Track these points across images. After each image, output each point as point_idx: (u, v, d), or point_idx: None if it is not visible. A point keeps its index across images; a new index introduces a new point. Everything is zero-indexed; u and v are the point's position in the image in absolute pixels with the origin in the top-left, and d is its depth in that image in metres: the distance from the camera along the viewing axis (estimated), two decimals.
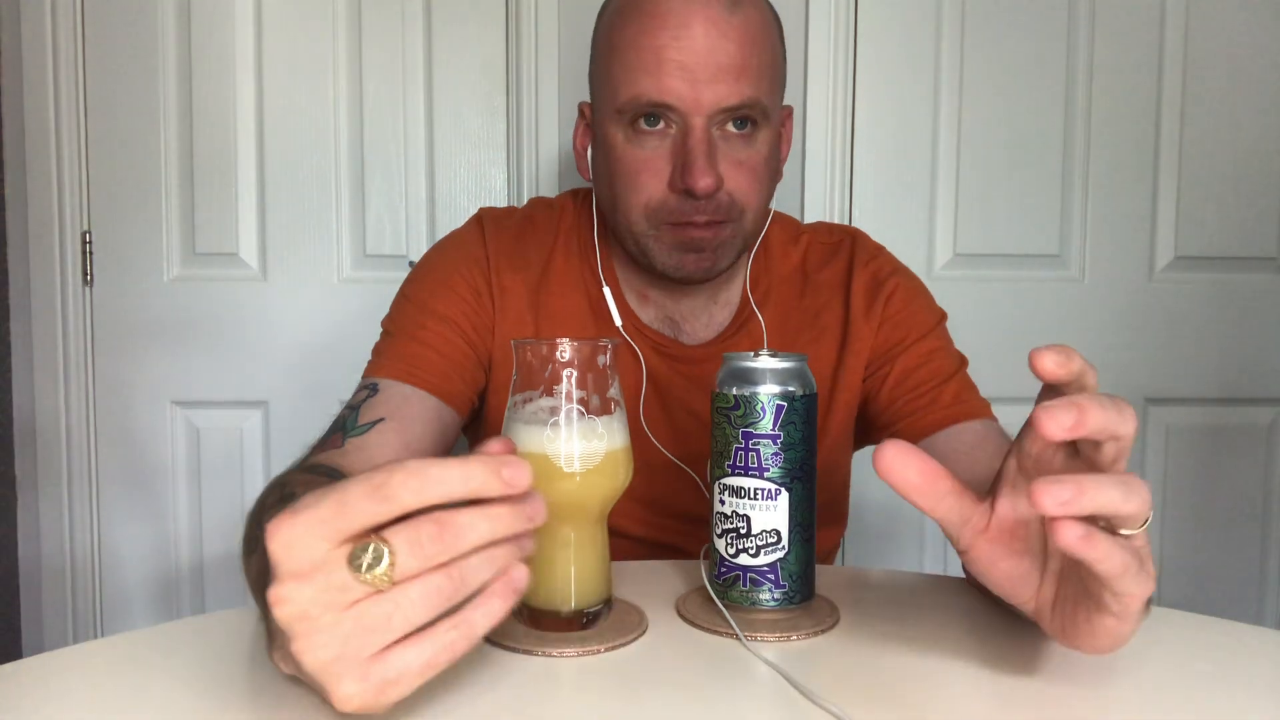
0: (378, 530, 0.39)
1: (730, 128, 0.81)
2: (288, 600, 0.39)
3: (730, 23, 0.78)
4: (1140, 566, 0.45)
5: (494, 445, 0.46)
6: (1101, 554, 0.42)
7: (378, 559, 0.37)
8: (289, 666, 0.46)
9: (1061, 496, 0.40)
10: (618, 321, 0.90)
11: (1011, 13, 1.54)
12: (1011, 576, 0.49)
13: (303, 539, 0.38)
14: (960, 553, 0.50)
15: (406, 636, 0.40)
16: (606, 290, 0.90)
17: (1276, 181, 1.58)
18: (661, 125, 0.80)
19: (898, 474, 0.46)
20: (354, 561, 0.38)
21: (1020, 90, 1.55)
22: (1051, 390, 0.46)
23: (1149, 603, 0.63)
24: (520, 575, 0.41)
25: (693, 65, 0.78)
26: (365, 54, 1.53)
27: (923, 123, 1.55)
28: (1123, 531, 0.44)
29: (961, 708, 0.52)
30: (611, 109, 0.82)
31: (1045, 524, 0.44)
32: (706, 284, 0.90)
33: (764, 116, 0.82)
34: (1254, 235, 1.58)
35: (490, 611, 0.41)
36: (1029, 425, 0.46)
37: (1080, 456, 0.47)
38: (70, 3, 1.48)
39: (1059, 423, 0.42)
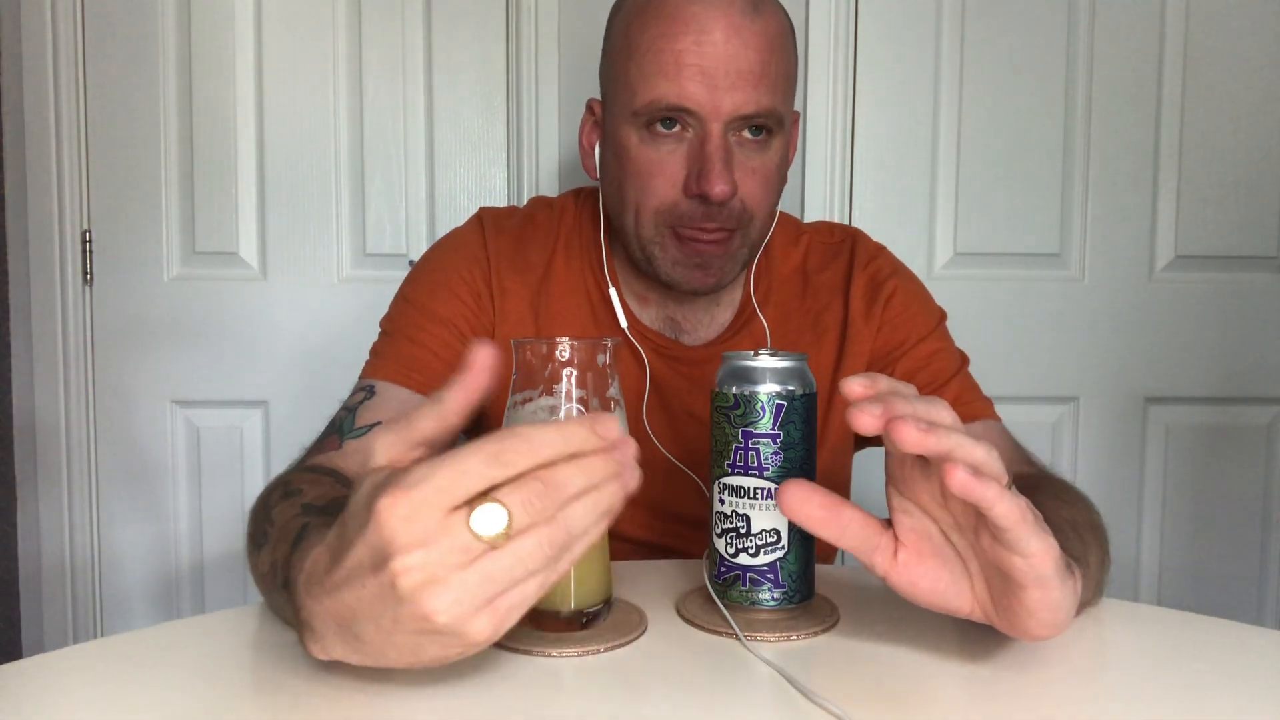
0: (489, 493, 0.42)
1: (746, 135, 0.81)
2: (415, 568, 0.41)
3: (751, 29, 0.78)
4: (1035, 520, 0.47)
5: (479, 358, 0.47)
6: (994, 494, 0.45)
7: (497, 520, 0.41)
8: (332, 653, 0.47)
9: (919, 425, 0.45)
10: (624, 323, 0.89)
11: (1011, 13, 1.54)
12: (937, 589, 0.52)
13: (420, 510, 0.41)
14: (881, 579, 0.52)
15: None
16: (613, 291, 0.90)
17: (1276, 181, 1.57)
18: (678, 129, 0.80)
19: (800, 511, 0.50)
20: (473, 520, 0.41)
21: (1020, 90, 1.55)
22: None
23: (1098, 591, 0.64)
24: (615, 492, 0.44)
25: (713, 70, 0.77)
26: (365, 54, 1.53)
27: (923, 123, 1.55)
28: None
29: (961, 707, 0.52)
30: (627, 111, 0.81)
31: (939, 472, 0.46)
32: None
33: (779, 125, 0.82)
34: (1254, 235, 1.58)
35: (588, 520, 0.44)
36: (886, 442, 0.49)
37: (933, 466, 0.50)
38: (70, 3, 1.48)
39: (869, 413, 0.46)
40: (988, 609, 0.52)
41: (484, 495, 0.41)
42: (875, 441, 0.96)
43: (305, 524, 0.56)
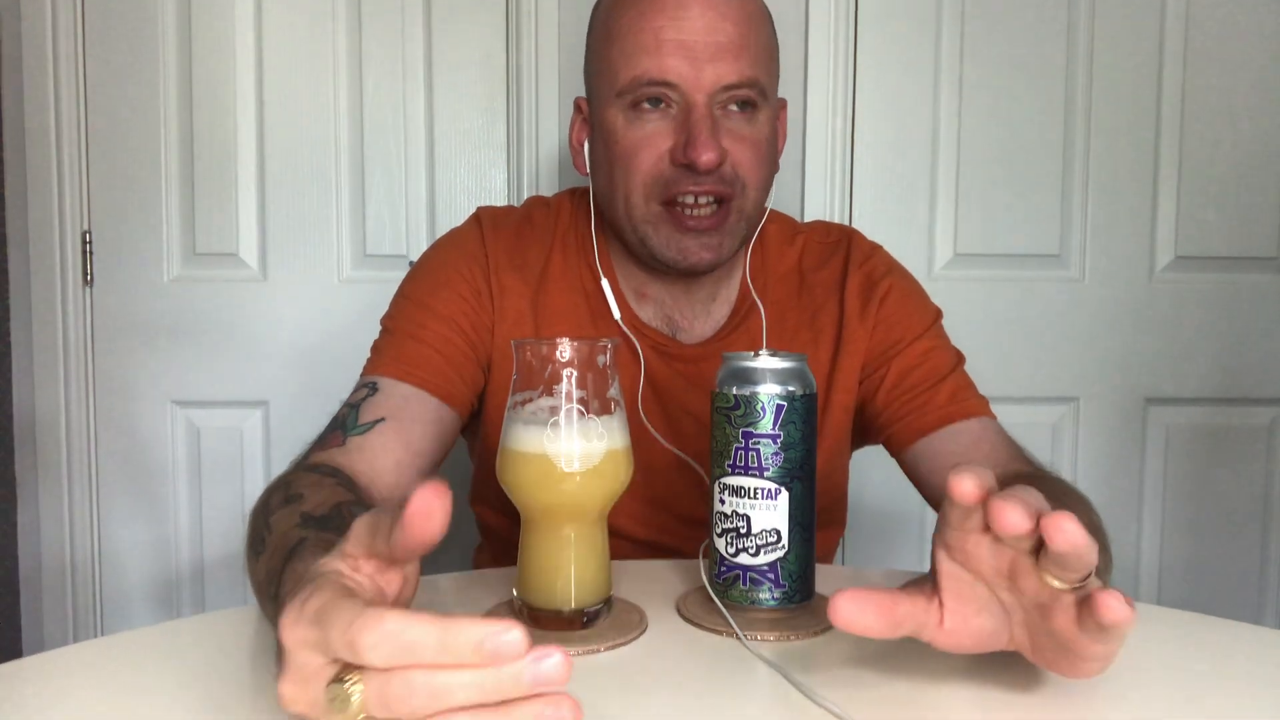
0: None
1: (732, 108, 0.82)
2: (290, 700, 0.39)
3: (727, 4, 0.80)
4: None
5: (419, 499, 0.39)
6: (1074, 543, 0.43)
7: (344, 700, 0.36)
8: None
9: (1019, 515, 0.43)
10: (616, 314, 0.89)
11: (1011, 13, 1.54)
12: (979, 641, 0.51)
13: (300, 647, 0.38)
14: (927, 643, 0.51)
15: None
16: (604, 282, 0.90)
17: (1276, 181, 1.57)
18: (662, 106, 0.81)
19: (858, 624, 0.48)
20: (328, 691, 0.37)
21: (1020, 90, 1.55)
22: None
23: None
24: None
25: (692, 44, 0.79)
26: (365, 53, 1.53)
27: (923, 123, 1.55)
28: (1056, 584, 0.46)
29: (961, 707, 0.52)
30: (611, 94, 0.83)
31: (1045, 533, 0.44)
32: (705, 279, 0.90)
33: (763, 97, 0.83)
34: (1254, 235, 1.58)
35: None
36: (947, 493, 0.47)
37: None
38: (70, 3, 1.48)
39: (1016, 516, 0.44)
40: (1024, 647, 0.51)
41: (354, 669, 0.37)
42: (873, 441, 0.96)
43: (302, 538, 0.56)
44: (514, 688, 0.35)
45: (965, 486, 0.46)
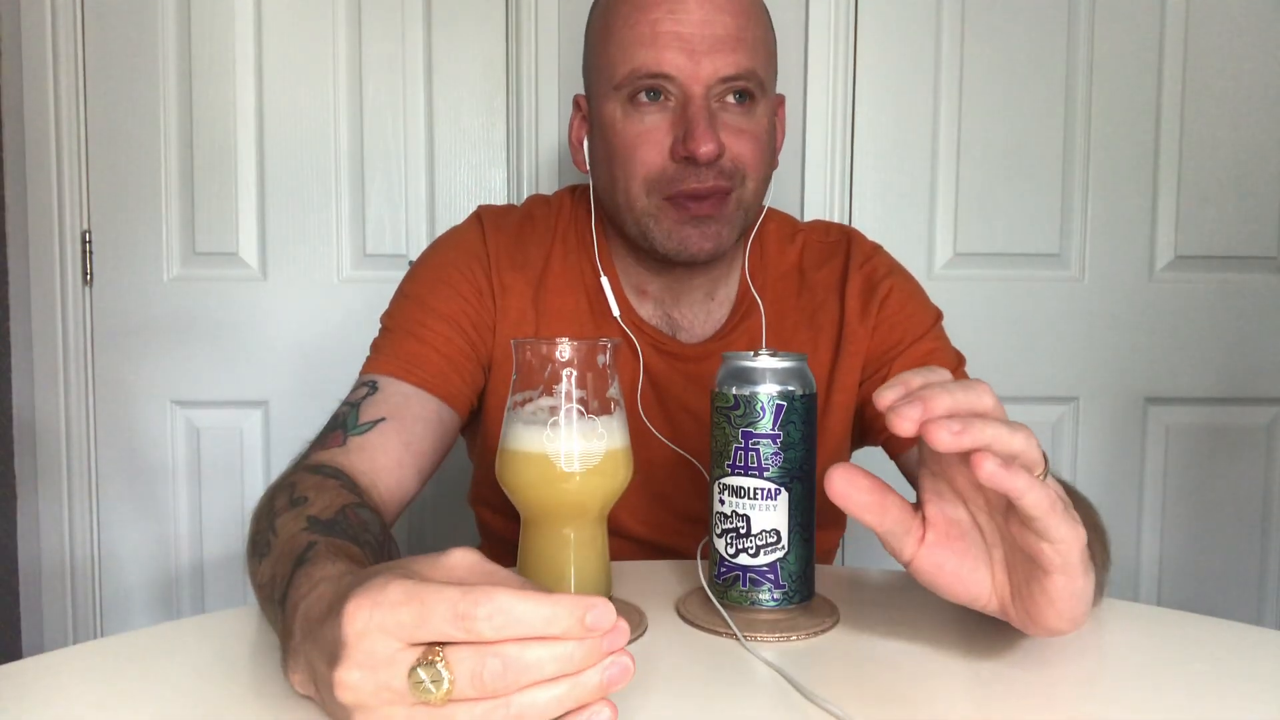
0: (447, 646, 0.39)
1: (730, 100, 0.82)
2: (351, 687, 0.40)
3: None
4: (1065, 508, 0.47)
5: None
6: (1023, 484, 0.45)
7: (436, 681, 0.38)
8: (307, 691, 0.47)
9: (952, 428, 0.45)
10: (615, 312, 0.89)
11: (1011, 13, 1.54)
12: (960, 576, 0.52)
13: (376, 633, 0.39)
14: (905, 564, 0.53)
15: None
16: (604, 280, 0.90)
17: (1276, 181, 1.57)
18: (660, 99, 0.81)
19: (851, 498, 0.50)
20: (413, 675, 0.38)
21: (1020, 90, 1.55)
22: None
23: (1099, 591, 0.64)
24: (592, 690, 0.39)
25: (689, 36, 0.79)
26: (365, 54, 1.53)
27: (923, 123, 1.55)
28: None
29: (961, 707, 0.52)
30: (609, 88, 0.83)
31: (968, 461, 0.46)
32: (705, 274, 0.90)
33: (761, 89, 0.84)
34: (1254, 235, 1.58)
35: None
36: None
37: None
38: (70, 3, 1.48)
39: (907, 418, 0.47)
40: (1005, 600, 0.52)
41: (441, 646, 0.39)
42: (872, 442, 0.96)
43: (312, 542, 0.56)
44: (595, 657, 0.39)
45: (885, 398, 0.49)
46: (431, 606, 0.38)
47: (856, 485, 0.50)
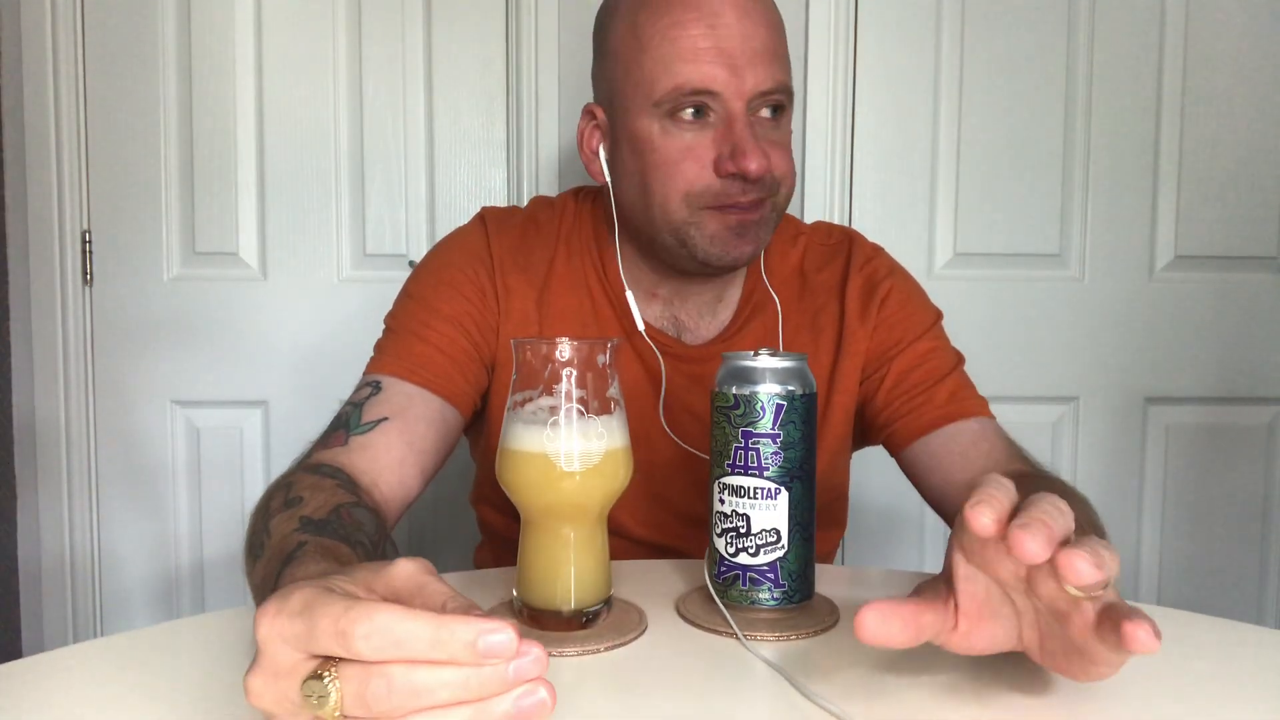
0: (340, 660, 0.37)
1: (764, 113, 0.83)
2: (256, 694, 0.39)
3: (757, 8, 0.81)
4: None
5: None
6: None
7: (323, 697, 0.36)
8: None
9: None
10: (640, 325, 0.89)
11: (1011, 13, 1.54)
12: (991, 644, 0.50)
13: (277, 641, 0.38)
14: (940, 646, 0.51)
15: None
16: (630, 295, 0.90)
17: (1276, 181, 1.57)
18: (703, 115, 0.82)
19: (886, 638, 0.47)
20: (305, 686, 0.37)
21: (1020, 90, 1.55)
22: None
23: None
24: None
25: (731, 51, 0.79)
26: (365, 54, 1.53)
27: (923, 123, 1.55)
28: (1075, 592, 0.45)
29: (961, 708, 0.52)
30: (647, 104, 0.82)
31: (1057, 571, 0.43)
32: (715, 280, 0.91)
33: (790, 100, 0.85)
34: (1254, 235, 1.58)
35: None
36: (964, 521, 0.46)
37: None
38: (70, 3, 1.48)
39: (1037, 543, 0.43)
40: (1032, 648, 0.51)
41: (337, 661, 0.37)
42: (873, 441, 0.96)
43: (301, 543, 0.56)
44: (497, 685, 0.36)
45: (982, 521, 0.45)
46: (317, 620, 0.36)
47: (889, 625, 0.47)
